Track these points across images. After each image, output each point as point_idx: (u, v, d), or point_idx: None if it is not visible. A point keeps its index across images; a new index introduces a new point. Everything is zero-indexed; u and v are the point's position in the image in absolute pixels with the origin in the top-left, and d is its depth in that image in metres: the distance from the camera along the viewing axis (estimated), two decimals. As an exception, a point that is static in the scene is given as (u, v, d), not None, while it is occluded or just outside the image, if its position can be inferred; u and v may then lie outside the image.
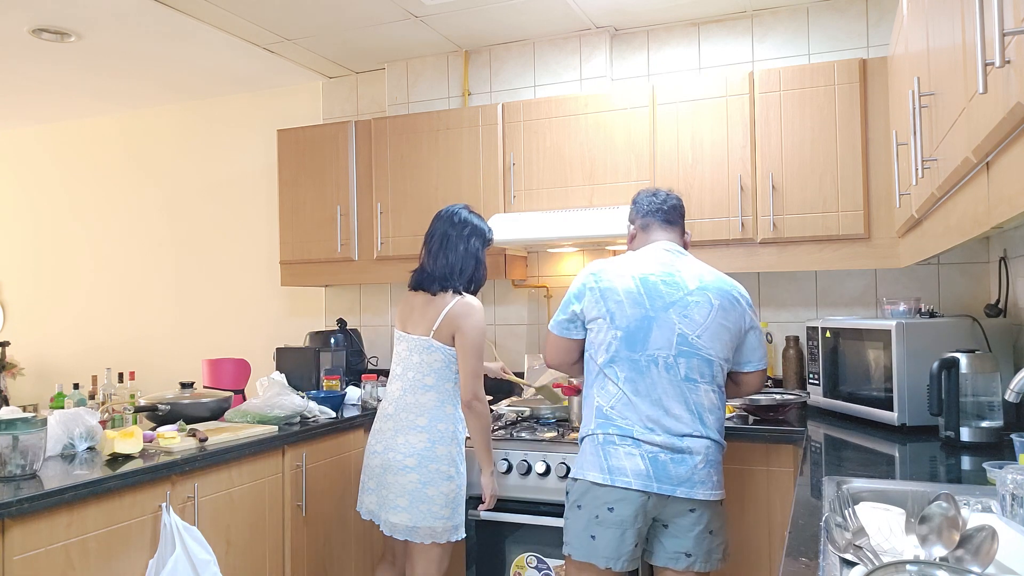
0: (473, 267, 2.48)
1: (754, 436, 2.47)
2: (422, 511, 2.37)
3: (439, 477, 2.38)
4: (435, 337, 2.41)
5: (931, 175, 1.51)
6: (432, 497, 2.37)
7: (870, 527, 1.26)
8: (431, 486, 2.37)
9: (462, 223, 2.50)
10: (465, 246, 2.47)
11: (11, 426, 1.90)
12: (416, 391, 2.43)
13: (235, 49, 3.46)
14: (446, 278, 2.44)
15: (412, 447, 2.40)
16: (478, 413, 2.38)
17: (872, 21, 3.00)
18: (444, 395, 2.43)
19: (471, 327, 2.40)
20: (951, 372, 2.07)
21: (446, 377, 2.44)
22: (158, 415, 2.65)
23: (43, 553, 1.79)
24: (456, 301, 2.42)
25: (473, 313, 2.41)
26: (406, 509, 2.38)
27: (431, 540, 2.38)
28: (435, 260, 2.47)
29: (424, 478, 2.37)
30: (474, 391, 2.38)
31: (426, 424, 2.40)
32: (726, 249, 2.85)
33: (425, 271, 2.49)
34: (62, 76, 3.77)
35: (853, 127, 2.67)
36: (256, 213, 4.09)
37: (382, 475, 2.44)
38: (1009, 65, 0.84)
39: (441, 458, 2.39)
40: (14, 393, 4.40)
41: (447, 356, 2.42)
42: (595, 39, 3.31)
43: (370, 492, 2.50)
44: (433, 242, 2.50)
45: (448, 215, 2.53)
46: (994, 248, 2.71)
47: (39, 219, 4.73)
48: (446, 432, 2.41)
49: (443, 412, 2.42)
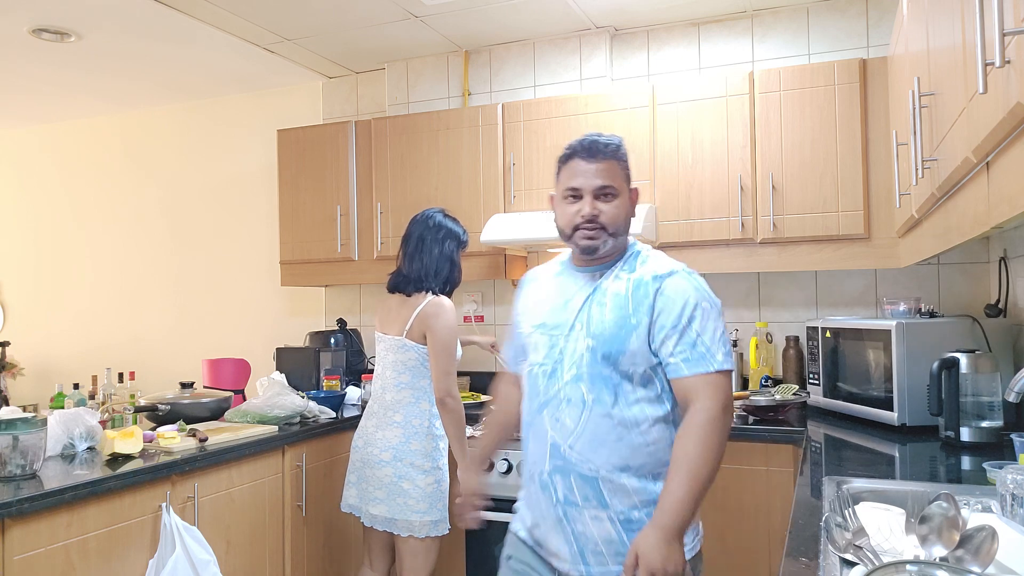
0: (448, 269, 2.55)
1: (754, 436, 2.47)
2: (399, 504, 2.43)
3: (414, 471, 2.44)
4: (408, 337, 2.48)
5: (931, 175, 1.51)
6: (408, 491, 2.43)
7: (870, 527, 1.26)
8: (406, 480, 2.43)
9: (437, 227, 2.57)
10: (440, 249, 2.54)
11: (11, 426, 1.90)
12: (393, 388, 2.51)
13: (235, 49, 3.46)
14: (421, 280, 2.51)
15: (388, 442, 2.47)
16: (450, 409, 2.43)
17: (872, 21, 3.00)
18: (419, 392, 2.50)
19: (441, 326, 2.45)
20: (951, 372, 2.07)
21: (421, 375, 2.50)
22: (158, 415, 2.65)
23: (43, 553, 1.79)
24: (428, 301, 2.48)
25: (443, 313, 2.47)
26: (384, 501, 2.44)
27: (408, 533, 2.43)
28: (411, 262, 2.54)
29: (398, 472, 2.44)
30: (446, 388, 2.43)
31: (401, 420, 2.48)
32: (726, 249, 2.84)
33: (401, 273, 2.56)
34: (62, 76, 3.77)
35: (853, 127, 2.67)
36: (256, 213, 4.09)
37: (362, 469, 2.53)
38: (1009, 65, 0.84)
39: (415, 452, 2.45)
40: (14, 393, 4.40)
41: (420, 355, 2.49)
42: (595, 39, 3.31)
43: (351, 486, 2.58)
44: (409, 245, 2.58)
45: (424, 219, 2.60)
46: (994, 248, 2.71)
47: (39, 219, 4.73)
48: (420, 427, 2.47)
49: (418, 408, 2.49)
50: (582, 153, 1.59)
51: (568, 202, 1.60)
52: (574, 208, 1.58)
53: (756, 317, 3.13)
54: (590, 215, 1.56)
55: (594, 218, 1.56)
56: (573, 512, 1.54)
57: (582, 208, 1.57)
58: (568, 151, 1.62)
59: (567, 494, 1.54)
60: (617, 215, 1.58)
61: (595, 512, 1.52)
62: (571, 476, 1.53)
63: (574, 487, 1.53)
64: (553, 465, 1.55)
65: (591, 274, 1.63)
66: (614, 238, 1.59)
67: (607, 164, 1.58)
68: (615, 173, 1.59)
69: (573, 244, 1.61)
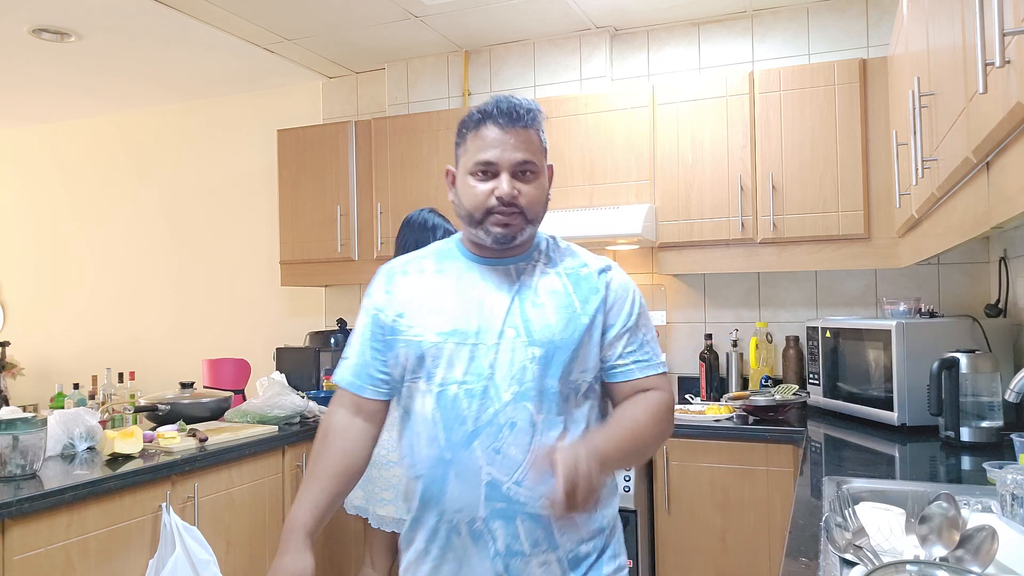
0: None
1: (754, 436, 2.47)
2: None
3: None
4: None
5: (931, 175, 1.51)
6: None
7: (870, 527, 1.26)
8: None
9: (433, 228, 2.57)
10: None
11: (11, 426, 1.91)
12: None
13: (235, 49, 3.46)
14: None
15: (395, 441, 2.44)
16: None
17: (872, 21, 3.00)
18: None
19: None
20: (951, 372, 2.07)
21: None
22: (158, 415, 2.65)
23: (43, 553, 1.79)
24: None
25: None
26: (392, 502, 2.44)
27: None
28: None
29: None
30: None
31: None
32: (726, 249, 2.85)
33: None
34: (62, 76, 3.77)
35: (853, 127, 2.67)
36: (256, 213, 4.09)
37: (368, 470, 2.49)
38: (1009, 65, 0.84)
39: None
40: (14, 393, 4.40)
41: None
42: (595, 39, 3.31)
43: (357, 487, 2.54)
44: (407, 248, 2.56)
45: (419, 222, 2.59)
46: (994, 248, 2.71)
47: (39, 219, 4.73)
48: None
49: None
50: (499, 118, 1.28)
51: (478, 179, 1.29)
52: (486, 187, 1.28)
53: (756, 317, 3.13)
54: (509, 197, 1.27)
55: (513, 200, 1.27)
56: (518, 564, 1.26)
57: (499, 187, 1.27)
58: (478, 114, 1.30)
59: (511, 543, 1.25)
60: (539, 198, 1.32)
61: (544, 557, 1.26)
62: (517, 520, 1.24)
63: (520, 533, 1.25)
64: (491, 510, 1.24)
65: (505, 268, 1.35)
66: (532, 225, 1.32)
67: (528, 134, 1.29)
68: (536, 146, 1.31)
69: (482, 231, 1.30)
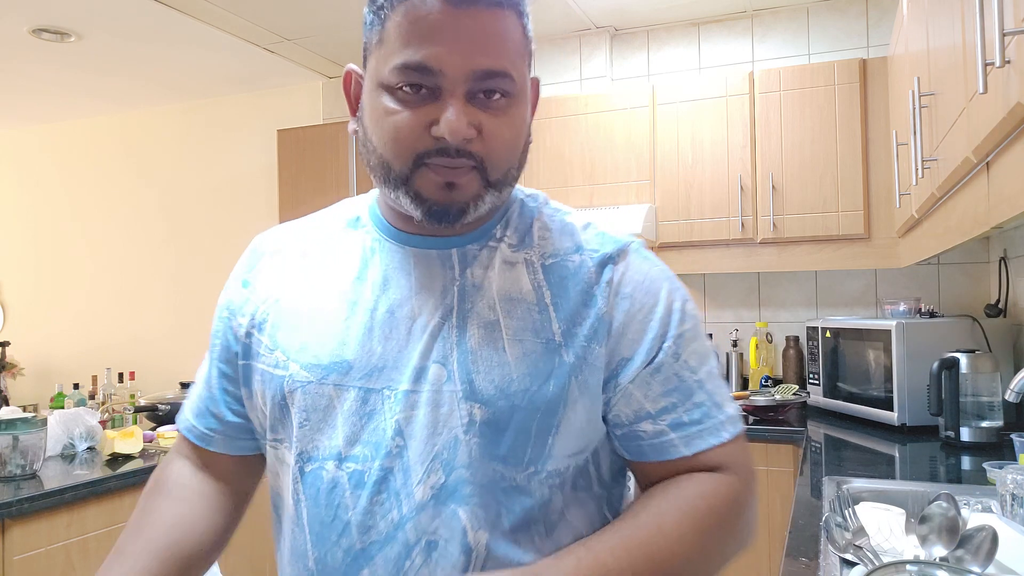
0: None
1: (754, 436, 2.47)
2: None
3: None
4: None
5: (931, 175, 1.51)
6: None
7: (870, 527, 1.26)
8: None
9: None
10: None
11: (11, 426, 1.91)
12: None
13: (235, 49, 3.46)
14: None
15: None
16: None
17: (872, 21, 3.00)
18: None
19: None
20: (951, 372, 2.07)
21: None
22: (158, 415, 2.65)
23: (43, 553, 1.79)
24: None
25: None
26: None
27: None
28: None
29: None
30: None
31: None
32: (726, 249, 2.85)
33: None
34: (62, 76, 3.77)
35: (853, 127, 2.67)
36: (256, 213, 4.09)
37: None
38: (1009, 65, 0.84)
39: None
40: (14, 393, 4.40)
41: None
42: (595, 39, 3.31)
43: None
44: None
45: None
46: (994, 248, 2.71)
47: (39, 219, 4.73)
48: None
49: None
50: None
51: (401, 98, 0.70)
52: (417, 117, 0.70)
53: (756, 317, 3.13)
54: (460, 138, 0.69)
55: (466, 146, 0.70)
56: None
57: (442, 118, 0.69)
58: None
59: None
60: (512, 142, 0.74)
61: None
62: None
63: None
64: None
65: (442, 255, 0.78)
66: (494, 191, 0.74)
67: (499, 18, 0.70)
68: (515, 44, 0.72)
69: (405, 195, 0.73)
